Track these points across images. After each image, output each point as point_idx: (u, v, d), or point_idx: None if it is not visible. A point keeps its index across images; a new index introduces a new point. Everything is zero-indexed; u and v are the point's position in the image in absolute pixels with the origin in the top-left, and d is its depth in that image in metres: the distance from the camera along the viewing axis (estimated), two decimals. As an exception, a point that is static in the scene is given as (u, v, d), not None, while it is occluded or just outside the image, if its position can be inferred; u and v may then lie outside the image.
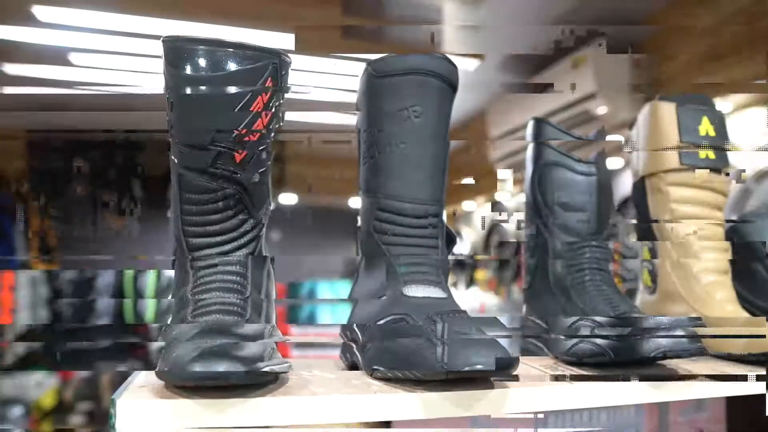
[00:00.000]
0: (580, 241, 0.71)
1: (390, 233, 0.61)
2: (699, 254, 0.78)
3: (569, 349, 0.62)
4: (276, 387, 0.50)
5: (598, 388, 0.54)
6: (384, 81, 0.63)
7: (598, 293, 0.67)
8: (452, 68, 0.65)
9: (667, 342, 0.53)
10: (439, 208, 0.63)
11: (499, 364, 0.46)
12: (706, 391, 0.58)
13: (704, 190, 0.79)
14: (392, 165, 0.62)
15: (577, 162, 0.73)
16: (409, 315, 0.54)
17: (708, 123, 0.80)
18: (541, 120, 0.76)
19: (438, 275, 0.60)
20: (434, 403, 0.49)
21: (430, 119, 0.63)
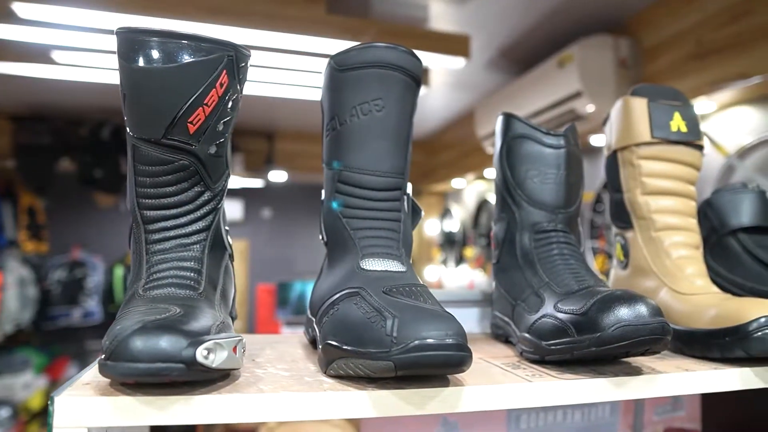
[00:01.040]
0: (547, 214, 0.70)
1: (349, 206, 0.61)
2: (670, 228, 0.77)
3: (532, 325, 0.61)
4: (225, 384, 0.48)
5: (558, 386, 0.53)
6: (346, 75, 0.62)
7: (565, 267, 0.66)
8: (416, 62, 0.64)
9: (628, 316, 0.52)
10: (402, 181, 0.62)
11: (450, 361, 0.45)
12: (670, 389, 0.57)
13: (676, 164, 0.78)
14: (353, 137, 0.61)
15: (546, 134, 0.72)
16: (364, 288, 0.53)
17: (680, 118, 0.79)
18: (509, 115, 0.75)
19: (398, 248, 0.59)
20: (385, 400, 0.47)
21: (392, 112, 0.62)
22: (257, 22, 2.10)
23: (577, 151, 0.75)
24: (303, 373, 0.54)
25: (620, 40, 2.27)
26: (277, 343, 0.71)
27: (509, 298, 0.70)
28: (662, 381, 0.56)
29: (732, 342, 0.62)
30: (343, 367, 0.50)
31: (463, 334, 0.47)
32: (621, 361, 0.61)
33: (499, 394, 0.50)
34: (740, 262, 0.85)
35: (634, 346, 0.53)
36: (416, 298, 0.51)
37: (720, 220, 0.88)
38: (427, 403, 0.48)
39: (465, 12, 2.33)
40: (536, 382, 0.52)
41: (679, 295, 0.72)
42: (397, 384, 0.49)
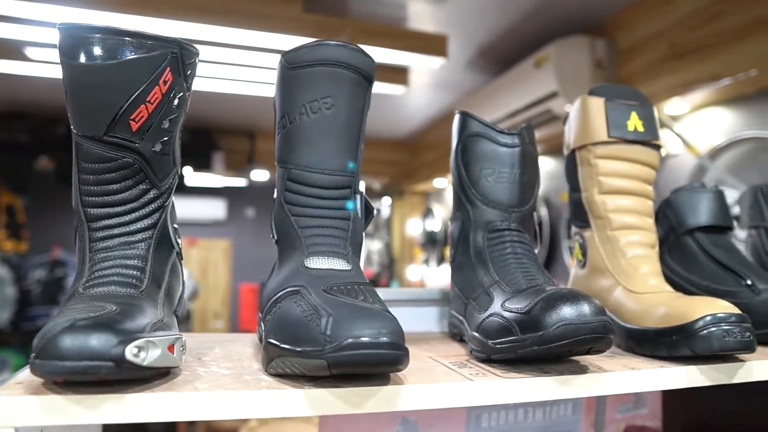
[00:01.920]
0: (501, 213, 0.70)
1: (297, 204, 0.60)
2: (626, 227, 0.77)
3: (480, 324, 0.61)
4: (161, 382, 0.48)
5: (499, 385, 0.53)
6: (296, 72, 0.62)
7: (517, 266, 0.66)
8: (366, 60, 0.63)
9: (570, 315, 0.52)
10: (352, 180, 0.62)
11: (383, 359, 0.45)
12: (614, 387, 0.57)
13: (632, 163, 0.79)
14: (302, 135, 0.61)
15: (500, 133, 0.72)
16: (305, 287, 0.53)
17: (636, 118, 0.79)
18: (465, 113, 0.75)
19: (344, 247, 0.59)
20: (322, 399, 0.47)
21: (342, 110, 0.61)
22: (235, 21, 2.10)
23: (533, 150, 0.75)
24: (245, 371, 0.53)
25: (596, 41, 2.29)
26: (229, 341, 0.70)
27: (462, 297, 0.70)
28: (607, 379, 0.56)
29: (678, 340, 0.62)
30: (281, 365, 0.50)
31: (399, 332, 0.46)
32: (569, 360, 0.61)
33: (438, 393, 0.50)
34: (697, 262, 0.86)
35: (576, 345, 0.53)
36: (356, 297, 0.51)
37: (678, 220, 0.88)
38: (365, 402, 0.48)
39: (443, 11, 2.33)
40: (477, 381, 0.52)
41: (632, 294, 0.72)
42: (336, 383, 0.49)
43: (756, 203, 0.98)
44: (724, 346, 0.60)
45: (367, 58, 0.64)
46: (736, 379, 0.63)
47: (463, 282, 0.71)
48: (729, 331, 0.60)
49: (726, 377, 0.63)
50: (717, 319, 0.61)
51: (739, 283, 0.80)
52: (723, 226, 0.88)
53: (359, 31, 2.25)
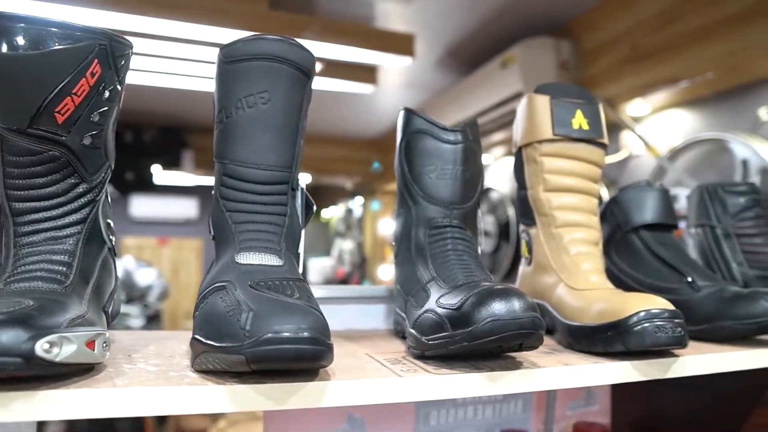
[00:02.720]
0: (442, 209, 0.70)
1: (232, 199, 0.60)
2: (570, 225, 0.78)
3: (416, 320, 0.61)
4: (79, 379, 0.47)
5: (428, 381, 0.52)
6: (233, 66, 0.61)
7: (457, 262, 0.66)
8: (305, 54, 0.63)
9: (500, 311, 0.52)
10: (288, 175, 0.61)
11: (302, 354, 0.44)
12: (545, 383, 0.57)
13: (577, 161, 0.79)
14: (238, 130, 0.60)
15: (443, 130, 0.72)
16: (232, 282, 0.52)
17: (581, 116, 0.80)
18: (409, 110, 0.75)
19: (278, 243, 0.58)
20: (244, 395, 0.47)
21: (278, 105, 0.61)
22: (200, 17, 2.07)
23: (476, 147, 0.75)
24: (172, 368, 0.52)
25: (561, 42, 2.31)
26: (168, 339, 0.69)
27: (403, 294, 0.70)
28: (538, 375, 0.57)
29: (613, 336, 0.62)
30: (205, 361, 0.49)
31: (320, 328, 0.46)
32: (505, 357, 0.61)
33: (364, 389, 0.50)
34: (641, 259, 0.87)
35: (506, 341, 0.53)
36: (282, 292, 0.50)
37: (624, 217, 0.89)
38: (288, 398, 0.48)
39: (411, 11, 2.34)
40: (406, 377, 0.52)
41: (573, 291, 0.73)
42: (261, 379, 0.48)
43: (702, 202, 0.99)
44: (656, 342, 0.60)
45: (305, 53, 0.63)
46: (669, 374, 0.64)
47: (403, 278, 0.71)
48: (661, 327, 0.61)
49: (659, 372, 0.63)
50: (650, 315, 0.61)
51: (680, 280, 0.81)
52: (667, 224, 0.89)
53: (326, 29, 2.25)
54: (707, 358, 0.66)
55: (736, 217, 0.96)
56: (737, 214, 0.96)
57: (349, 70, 2.64)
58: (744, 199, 0.96)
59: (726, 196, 0.97)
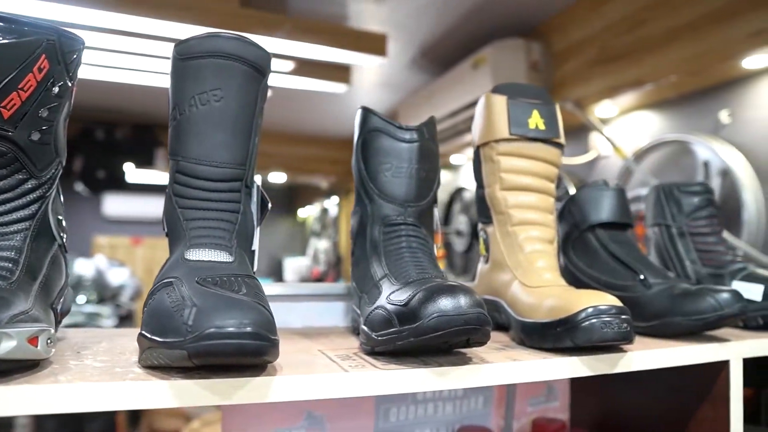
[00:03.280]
0: (397, 207, 0.71)
1: (184, 196, 0.60)
2: (526, 223, 0.79)
3: (368, 317, 0.62)
4: (21, 375, 0.47)
5: (374, 376, 0.53)
6: (186, 63, 0.61)
7: (411, 259, 0.66)
8: (259, 52, 0.63)
9: (446, 306, 0.53)
10: (242, 172, 0.62)
11: (244, 349, 0.45)
12: (493, 379, 0.58)
13: (534, 161, 0.81)
14: (191, 127, 0.60)
15: (398, 128, 0.73)
16: (179, 278, 0.52)
17: (538, 116, 0.81)
18: (367, 109, 0.75)
19: (229, 240, 0.59)
20: (188, 390, 0.47)
21: (231, 103, 0.61)
22: (170, 14, 2.06)
23: (432, 146, 0.76)
24: (119, 364, 0.52)
25: (532, 43, 2.33)
26: (122, 336, 0.69)
27: (358, 291, 0.71)
28: (485, 371, 0.58)
29: (562, 332, 0.64)
30: (150, 357, 0.49)
31: (264, 323, 0.46)
32: (454, 353, 0.62)
33: (310, 385, 0.50)
34: (597, 257, 0.88)
35: (452, 336, 0.53)
36: (229, 288, 0.51)
37: (581, 216, 0.91)
38: (233, 393, 0.48)
39: (384, 11, 2.34)
40: (352, 372, 0.52)
41: (526, 288, 0.74)
42: (206, 374, 0.48)
43: (658, 202, 1.01)
44: (602, 337, 0.62)
45: (259, 51, 0.64)
46: (617, 369, 0.65)
47: (358, 276, 0.72)
48: (608, 323, 0.62)
49: (607, 367, 0.65)
50: (598, 312, 0.63)
51: (634, 277, 0.83)
52: (623, 223, 0.91)
53: (298, 28, 2.24)
54: (653, 353, 0.68)
55: (691, 217, 0.98)
56: (691, 214, 0.98)
57: (322, 70, 2.64)
58: (698, 199, 0.98)
59: (681, 195, 0.99)
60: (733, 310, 0.73)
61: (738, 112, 1.71)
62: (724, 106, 1.75)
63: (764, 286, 0.86)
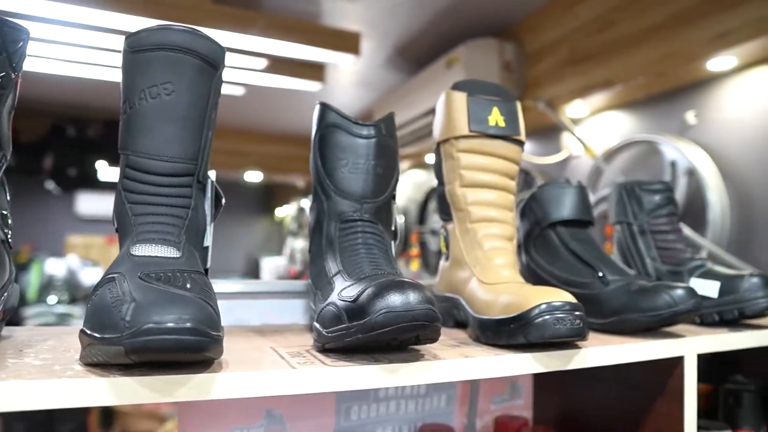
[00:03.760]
0: (353, 204, 0.71)
1: (133, 191, 0.59)
2: (485, 220, 0.79)
3: (319, 313, 0.61)
4: (-45, 374, 0.45)
5: (322, 373, 0.52)
6: (137, 56, 0.60)
7: (366, 255, 0.66)
8: (212, 46, 0.62)
9: (395, 302, 0.52)
10: (193, 167, 0.61)
11: (182, 345, 0.44)
12: (443, 375, 0.58)
13: (494, 158, 0.81)
14: (141, 121, 0.59)
15: (356, 124, 0.72)
16: (122, 273, 0.51)
17: (498, 113, 0.81)
18: (324, 104, 0.75)
19: (178, 235, 0.58)
20: (127, 387, 0.46)
21: (183, 97, 0.60)
22: (140, 9, 2.03)
23: (391, 142, 0.75)
24: (60, 362, 0.51)
25: (505, 43, 2.34)
26: (70, 334, 0.68)
27: (313, 287, 0.70)
28: (437, 368, 0.57)
29: (516, 329, 0.64)
30: (90, 354, 0.48)
31: (206, 319, 0.45)
32: (408, 350, 0.62)
33: (254, 381, 0.50)
34: (558, 254, 0.89)
35: (400, 332, 0.53)
36: (172, 284, 0.50)
37: (542, 214, 0.91)
38: (175, 390, 0.47)
39: (358, 9, 2.34)
40: (299, 369, 0.52)
41: (483, 285, 0.74)
42: (148, 371, 0.47)
43: (620, 200, 1.02)
44: (555, 333, 0.62)
45: (212, 44, 0.63)
46: (571, 365, 0.66)
47: (314, 272, 0.71)
48: (561, 319, 0.62)
49: (561, 364, 0.65)
50: (551, 308, 0.63)
51: (592, 275, 0.83)
52: (583, 221, 0.91)
53: (271, 25, 2.23)
54: (608, 349, 0.68)
55: (651, 215, 0.99)
56: (652, 212, 0.99)
57: (295, 68, 2.63)
58: (659, 197, 0.99)
59: (642, 194, 1.00)
60: (687, 306, 0.74)
61: (704, 113, 1.74)
62: (690, 107, 1.78)
63: (720, 282, 0.87)
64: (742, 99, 1.63)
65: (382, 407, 0.94)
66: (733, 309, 0.85)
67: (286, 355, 0.58)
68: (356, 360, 0.56)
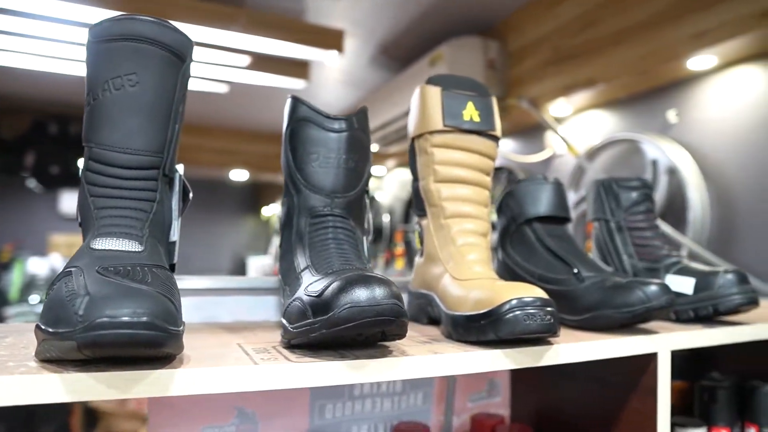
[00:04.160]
0: (323, 198, 0.70)
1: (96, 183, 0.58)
2: (459, 216, 0.78)
3: (286, 309, 0.60)
4: None
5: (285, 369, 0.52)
6: (101, 47, 0.59)
7: (336, 250, 0.65)
8: (178, 37, 0.61)
9: (360, 297, 0.51)
10: (158, 160, 0.60)
11: (136, 339, 0.43)
12: (411, 372, 0.57)
13: (468, 153, 0.80)
14: (104, 113, 0.58)
15: (327, 118, 0.72)
16: (80, 267, 0.50)
17: (473, 108, 0.80)
18: (296, 98, 0.74)
19: (141, 229, 0.56)
20: (82, 384, 0.45)
21: (148, 88, 0.59)
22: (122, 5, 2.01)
23: (363, 136, 0.74)
24: (16, 359, 0.50)
25: (489, 42, 2.34)
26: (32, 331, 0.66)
27: (282, 283, 0.69)
28: (403, 364, 0.56)
29: (486, 325, 0.63)
30: (44, 350, 0.47)
31: (163, 313, 0.44)
32: (377, 346, 0.61)
33: (215, 378, 0.49)
34: (533, 251, 0.88)
35: (365, 328, 0.52)
36: (131, 278, 0.49)
37: (519, 210, 0.91)
38: (132, 387, 0.46)
39: (342, 6, 2.32)
40: (262, 365, 0.51)
41: (455, 281, 0.73)
42: (105, 367, 0.46)
43: (598, 197, 1.02)
44: (525, 329, 0.61)
45: (178, 36, 0.62)
46: (542, 362, 0.65)
47: (284, 268, 0.70)
48: (531, 315, 0.61)
49: (532, 360, 0.64)
50: (522, 304, 0.62)
51: (568, 271, 0.83)
52: (560, 217, 0.91)
53: (254, 21, 2.21)
54: (580, 346, 0.68)
55: (629, 212, 0.99)
56: (629, 209, 0.99)
57: (279, 65, 2.61)
58: (636, 194, 0.99)
59: (620, 191, 1.00)
60: (660, 302, 0.73)
61: (684, 112, 1.74)
62: (671, 106, 1.78)
63: (695, 279, 0.87)
64: (723, 98, 1.64)
65: (358, 405, 0.94)
66: (708, 305, 0.85)
67: (252, 352, 0.57)
68: (322, 356, 0.55)
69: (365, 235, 0.75)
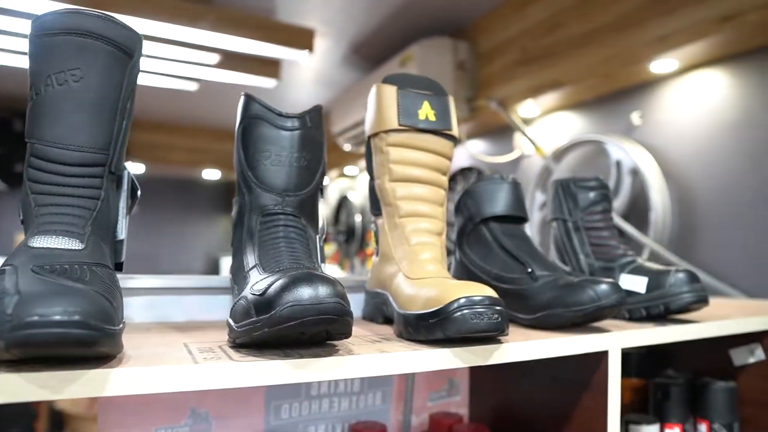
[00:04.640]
0: (275, 197, 0.69)
1: (38, 180, 0.57)
2: (414, 215, 0.78)
3: (232, 308, 0.60)
4: None
5: (226, 368, 0.51)
6: (44, 40, 0.58)
7: (286, 249, 0.65)
8: (125, 32, 0.60)
9: (303, 296, 0.51)
10: (104, 157, 0.59)
11: (67, 338, 0.42)
12: (355, 371, 0.57)
13: (423, 152, 0.80)
14: (47, 108, 0.57)
15: (279, 116, 0.71)
16: (15, 266, 0.49)
17: (429, 107, 0.81)
18: (249, 96, 0.73)
19: (83, 227, 0.56)
20: (12, 384, 0.43)
21: (92, 84, 0.58)
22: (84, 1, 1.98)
23: (316, 135, 0.74)
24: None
25: (459, 43, 2.35)
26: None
27: (232, 282, 0.69)
28: (349, 363, 0.56)
29: (434, 323, 0.63)
30: None
31: (97, 312, 0.44)
32: (324, 345, 0.61)
33: (152, 377, 0.48)
34: (490, 250, 0.89)
35: (307, 326, 0.52)
36: (68, 276, 0.48)
37: (476, 209, 0.91)
38: (65, 388, 0.45)
39: (313, 5, 2.32)
40: (202, 364, 0.50)
41: (409, 280, 0.73)
42: (40, 367, 0.45)
43: (557, 197, 1.03)
44: (472, 328, 0.61)
45: (126, 31, 0.61)
46: (491, 360, 0.65)
47: (234, 267, 0.69)
48: (479, 314, 0.61)
49: (480, 359, 0.64)
50: (470, 302, 0.62)
51: (522, 270, 0.84)
52: (517, 217, 0.91)
53: (223, 19, 2.19)
54: (530, 344, 0.68)
55: (586, 211, 1.00)
56: (587, 208, 1.00)
57: (249, 64, 2.59)
58: (593, 194, 1.00)
59: (577, 191, 1.01)
60: (610, 301, 0.74)
61: (648, 114, 1.77)
62: (635, 108, 1.81)
63: (648, 278, 0.88)
64: (684, 101, 1.66)
65: (315, 405, 0.93)
66: (659, 304, 0.86)
67: (195, 351, 0.57)
68: (266, 355, 0.55)
69: (318, 235, 0.74)
